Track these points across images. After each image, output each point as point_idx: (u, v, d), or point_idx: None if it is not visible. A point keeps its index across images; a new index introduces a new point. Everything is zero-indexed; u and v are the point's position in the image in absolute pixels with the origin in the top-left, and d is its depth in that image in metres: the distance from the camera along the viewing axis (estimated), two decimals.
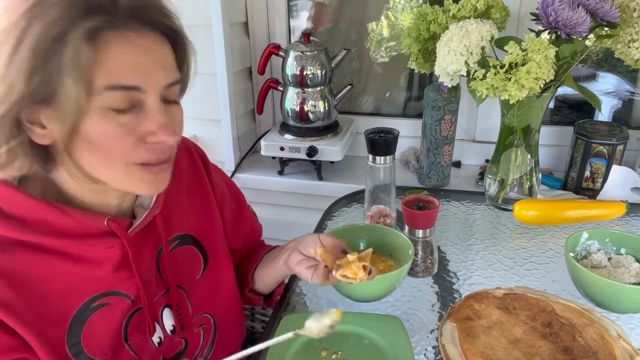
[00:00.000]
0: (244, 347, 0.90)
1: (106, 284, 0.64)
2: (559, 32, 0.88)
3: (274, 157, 1.34)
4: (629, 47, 0.90)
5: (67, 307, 0.61)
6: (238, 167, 1.39)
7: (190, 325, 0.75)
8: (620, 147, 1.14)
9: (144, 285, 0.67)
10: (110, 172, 0.58)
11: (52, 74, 0.50)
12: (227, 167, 1.38)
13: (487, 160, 1.38)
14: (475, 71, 0.87)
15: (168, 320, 0.72)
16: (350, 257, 0.67)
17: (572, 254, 0.79)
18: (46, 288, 0.59)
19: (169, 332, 0.72)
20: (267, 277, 0.85)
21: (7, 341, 0.56)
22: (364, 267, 0.66)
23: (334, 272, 0.67)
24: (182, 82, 0.63)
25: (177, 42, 0.60)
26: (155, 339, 0.70)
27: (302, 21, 1.45)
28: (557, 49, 0.86)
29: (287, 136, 1.33)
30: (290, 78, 1.29)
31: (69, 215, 0.59)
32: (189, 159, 0.81)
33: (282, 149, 1.29)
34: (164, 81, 0.57)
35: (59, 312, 0.60)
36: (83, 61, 0.50)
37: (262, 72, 1.31)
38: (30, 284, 0.58)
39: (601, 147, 1.14)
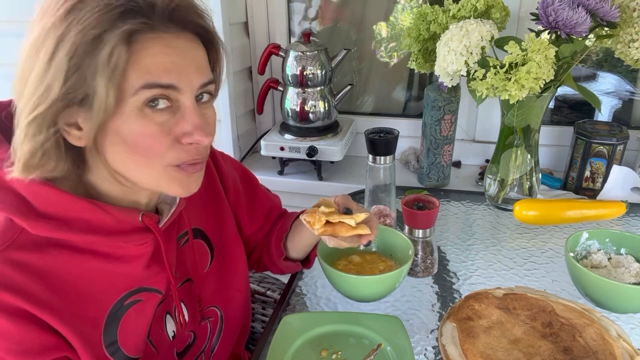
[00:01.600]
0: (247, 347, 0.90)
1: (137, 280, 0.64)
2: (559, 32, 0.88)
3: (274, 157, 1.34)
4: (629, 47, 0.90)
5: (103, 306, 0.61)
6: None
7: (198, 319, 0.75)
8: (620, 147, 1.14)
9: (174, 277, 0.68)
10: (145, 173, 0.58)
11: (87, 76, 0.51)
12: None
13: (487, 160, 1.38)
14: (475, 71, 0.87)
15: (179, 314, 0.72)
16: (341, 217, 0.69)
17: (572, 254, 0.79)
18: (82, 288, 0.59)
19: (180, 325, 0.73)
20: (299, 243, 0.85)
21: (49, 340, 0.56)
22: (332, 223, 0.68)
23: (301, 217, 0.71)
24: (215, 83, 0.63)
25: (210, 43, 0.61)
26: (170, 332, 0.71)
27: (305, 21, 1.45)
28: (557, 49, 0.86)
29: (287, 136, 1.33)
30: (290, 78, 1.29)
31: (106, 211, 0.59)
32: None
33: (282, 149, 1.29)
34: (199, 81, 0.58)
35: (95, 312, 0.60)
36: (118, 62, 0.51)
37: (262, 72, 1.31)
38: (67, 284, 0.58)
39: (601, 147, 1.14)
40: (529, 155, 1.03)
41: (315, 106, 1.30)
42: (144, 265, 0.64)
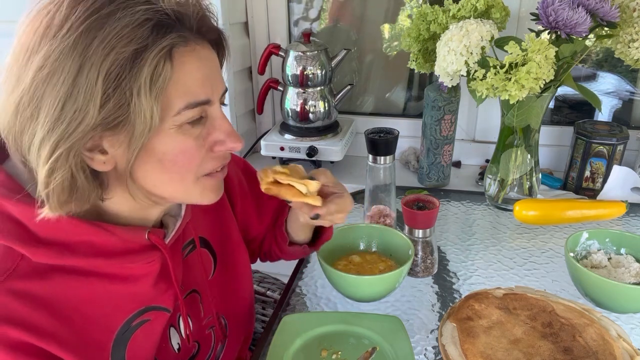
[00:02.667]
0: (249, 348, 0.90)
1: (145, 300, 0.62)
2: (559, 32, 0.88)
3: (274, 157, 1.34)
4: (629, 47, 0.90)
5: (109, 329, 0.59)
6: None
7: (202, 328, 0.75)
8: (620, 147, 1.14)
9: (181, 293, 0.66)
10: (177, 187, 0.57)
11: (127, 97, 0.47)
12: None
13: (487, 160, 1.38)
14: (475, 71, 0.87)
15: (186, 327, 0.71)
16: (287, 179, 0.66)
17: (572, 254, 0.79)
18: (87, 312, 0.57)
19: (184, 336, 0.72)
20: (294, 225, 0.82)
21: None
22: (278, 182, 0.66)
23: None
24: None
25: (222, 49, 0.61)
26: (175, 345, 0.69)
27: (305, 21, 1.45)
28: (557, 49, 0.86)
29: (287, 136, 1.33)
30: (290, 78, 1.29)
31: (111, 232, 0.57)
32: None
33: (282, 149, 1.29)
34: (222, 89, 0.58)
35: (102, 335, 0.58)
36: (161, 80, 0.48)
37: (262, 72, 1.31)
38: (71, 309, 0.55)
39: (601, 147, 1.14)
40: (529, 155, 1.03)
41: (315, 106, 1.30)
42: (151, 284, 0.62)
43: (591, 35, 0.92)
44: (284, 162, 1.35)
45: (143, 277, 0.61)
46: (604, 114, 1.36)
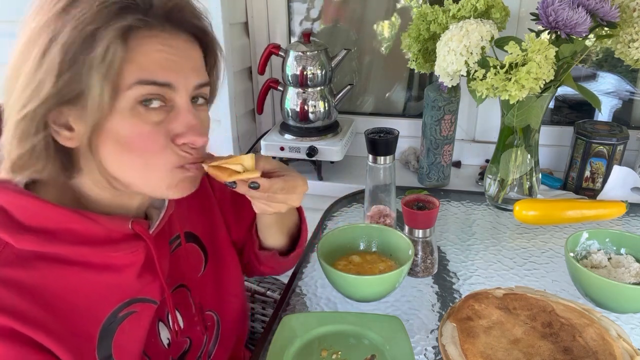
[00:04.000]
0: (246, 347, 0.90)
1: (131, 291, 0.62)
2: (559, 32, 0.88)
3: (274, 157, 1.34)
4: (629, 47, 0.90)
5: (96, 320, 0.59)
6: None
7: (194, 324, 0.75)
8: (620, 147, 1.14)
9: (169, 287, 0.66)
10: (143, 175, 0.57)
11: (81, 73, 0.50)
12: None
13: (487, 160, 1.38)
14: (475, 71, 0.87)
15: (174, 321, 0.71)
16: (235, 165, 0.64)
17: (572, 254, 0.79)
18: (72, 301, 0.57)
19: (173, 331, 0.72)
20: (261, 224, 0.80)
21: (39, 359, 0.53)
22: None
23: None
24: (211, 85, 0.63)
25: (207, 44, 0.61)
26: (164, 340, 0.70)
27: (306, 21, 1.45)
28: (557, 49, 0.86)
29: (287, 136, 1.33)
30: (290, 78, 1.29)
31: (94, 220, 0.57)
32: None
33: (282, 149, 1.29)
34: (195, 81, 0.57)
35: (88, 326, 0.58)
36: (113, 59, 0.50)
37: (262, 72, 1.31)
38: (57, 298, 0.56)
39: (601, 147, 1.14)
40: (529, 155, 1.03)
41: (315, 106, 1.30)
42: (135, 275, 0.62)
43: (591, 35, 0.92)
44: (284, 162, 1.35)
45: (127, 267, 0.61)
46: (604, 114, 1.36)
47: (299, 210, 0.86)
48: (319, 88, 1.30)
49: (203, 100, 0.61)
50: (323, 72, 1.28)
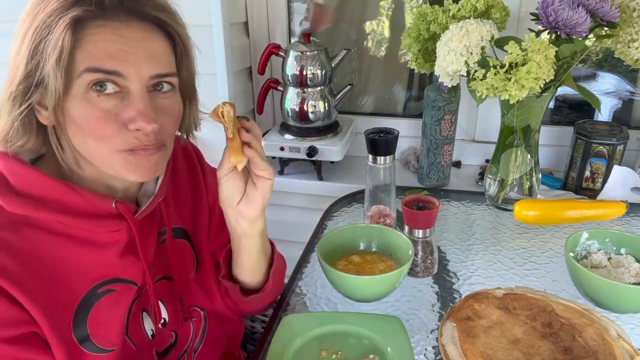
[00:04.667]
0: (243, 346, 0.90)
1: (112, 270, 0.65)
2: (559, 32, 0.88)
3: (274, 157, 1.34)
4: (629, 47, 0.90)
5: (75, 292, 0.61)
6: None
7: (178, 318, 0.75)
8: (620, 147, 1.14)
9: (149, 271, 0.68)
10: (100, 156, 0.60)
11: (42, 60, 0.54)
12: None
13: (487, 160, 1.38)
14: (475, 71, 0.87)
15: (156, 312, 0.72)
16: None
17: (572, 254, 0.79)
18: (55, 270, 0.60)
19: (159, 325, 0.72)
20: (237, 260, 0.78)
21: (18, 314, 0.56)
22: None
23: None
24: (182, 75, 0.64)
25: (171, 34, 0.62)
26: (148, 331, 0.70)
27: (304, 21, 1.45)
28: (557, 49, 0.86)
29: (287, 136, 1.33)
30: (290, 78, 1.29)
31: (79, 194, 0.61)
32: (186, 157, 0.82)
33: (282, 149, 1.29)
34: (150, 71, 0.58)
35: (67, 296, 0.61)
36: (64, 46, 0.54)
37: (262, 72, 1.31)
38: (41, 264, 0.59)
39: (601, 147, 1.14)
40: (529, 155, 1.03)
41: (315, 106, 1.30)
42: (117, 254, 0.65)
43: (591, 35, 0.92)
44: (284, 162, 1.35)
45: (110, 245, 0.64)
46: (604, 114, 1.36)
47: (273, 258, 0.82)
48: (319, 88, 1.30)
49: (169, 87, 0.62)
50: (323, 72, 1.28)
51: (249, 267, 0.78)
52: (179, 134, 0.72)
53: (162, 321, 0.72)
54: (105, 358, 0.63)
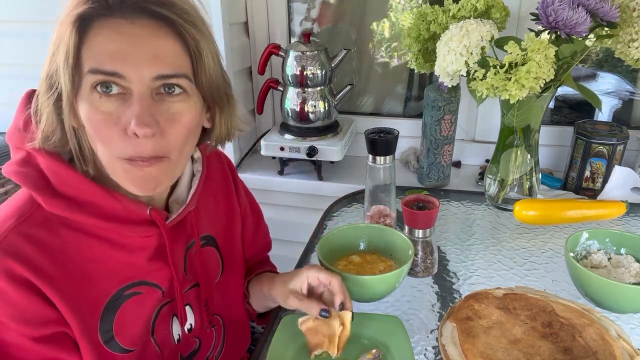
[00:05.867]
0: (248, 350, 0.90)
1: (140, 273, 0.65)
2: (559, 32, 0.88)
3: (274, 157, 1.34)
4: (629, 47, 0.90)
5: (103, 293, 0.62)
6: (238, 167, 1.39)
7: (204, 324, 0.75)
8: (620, 147, 1.14)
9: (178, 276, 0.68)
10: (105, 160, 0.58)
11: (55, 60, 0.54)
12: None
13: (487, 160, 1.38)
14: (475, 71, 0.87)
15: (183, 317, 0.72)
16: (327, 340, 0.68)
17: (572, 254, 0.79)
18: (86, 270, 0.60)
19: (186, 330, 0.73)
20: (258, 294, 0.84)
21: (50, 313, 0.57)
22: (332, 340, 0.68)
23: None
24: (197, 75, 0.59)
25: (181, 33, 0.56)
26: (175, 335, 0.71)
27: (304, 21, 1.45)
28: (557, 48, 0.86)
29: (287, 136, 1.33)
30: (290, 78, 1.29)
31: (117, 200, 0.61)
32: (220, 167, 0.82)
33: (282, 149, 1.29)
34: (153, 72, 0.54)
35: (95, 297, 0.61)
36: (69, 46, 0.53)
37: (262, 72, 1.31)
38: (73, 264, 0.59)
39: (601, 147, 1.14)
40: (529, 155, 1.03)
41: (315, 106, 1.30)
42: (146, 258, 0.65)
43: (591, 35, 0.92)
44: (284, 162, 1.35)
45: (140, 249, 0.64)
46: (604, 114, 1.36)
47: None
48: (319, 88, 1.30)
49: (181, 90, 0.57)
50: (323, 72, 1.28)
51: (268, 307, 0.84)
52: (210, 143, 0.69)
53: (189, 326, 0.73)
54: (128, 358, 0.64)
